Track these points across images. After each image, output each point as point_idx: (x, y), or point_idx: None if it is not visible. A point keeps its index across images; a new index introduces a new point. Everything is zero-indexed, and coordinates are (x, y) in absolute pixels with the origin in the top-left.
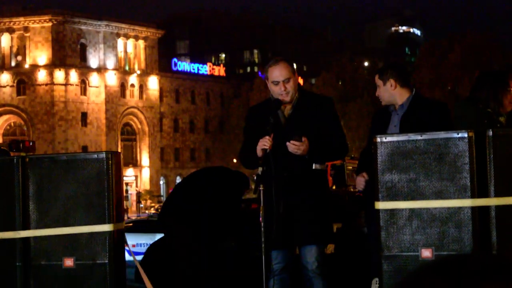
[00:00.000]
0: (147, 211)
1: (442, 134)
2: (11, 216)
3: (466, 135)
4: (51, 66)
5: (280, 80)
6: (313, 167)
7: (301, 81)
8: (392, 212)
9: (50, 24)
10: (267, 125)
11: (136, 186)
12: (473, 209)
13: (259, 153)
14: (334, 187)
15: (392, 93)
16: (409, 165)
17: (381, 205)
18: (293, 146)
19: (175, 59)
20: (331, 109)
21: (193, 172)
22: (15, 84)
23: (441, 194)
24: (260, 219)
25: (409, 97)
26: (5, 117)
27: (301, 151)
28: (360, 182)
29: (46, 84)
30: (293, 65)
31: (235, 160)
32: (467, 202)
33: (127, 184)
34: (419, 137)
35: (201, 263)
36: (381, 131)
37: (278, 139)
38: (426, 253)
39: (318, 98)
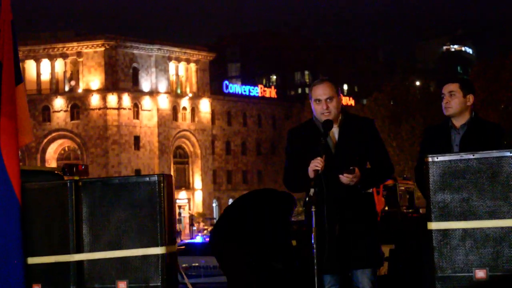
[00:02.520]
0: (199, 234)
1: (495, 153)
2: (65, 240)
3: None
4: (104, 91)
5: (322, 99)
6: (362, 191)
7: (352, 101)
8: (445, 232)
9: (102, 49)
10: (318, 146)
11: (189, 209)
12: None
13: (311, 174)
14: (386, 208)
15: (466, 107)
16: (461, 185)
17: (433, 225)
18: (346, 179)
19: (226, 82)
20: (374, 130)
21: (241, 196)
22: (68, 109)
23: (495, 213)
24: (312, 241)
25: (471, 117)
26: (59, 141)
27: (354, 182)
28: None
29: (99, 109)
30: (337, 87)
31: None
32: None
33: (180, 207)
34: (471, 156)
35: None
36: (443, 149)
37: (326, 161)
38: (480, 273)
39: (360, 120)
